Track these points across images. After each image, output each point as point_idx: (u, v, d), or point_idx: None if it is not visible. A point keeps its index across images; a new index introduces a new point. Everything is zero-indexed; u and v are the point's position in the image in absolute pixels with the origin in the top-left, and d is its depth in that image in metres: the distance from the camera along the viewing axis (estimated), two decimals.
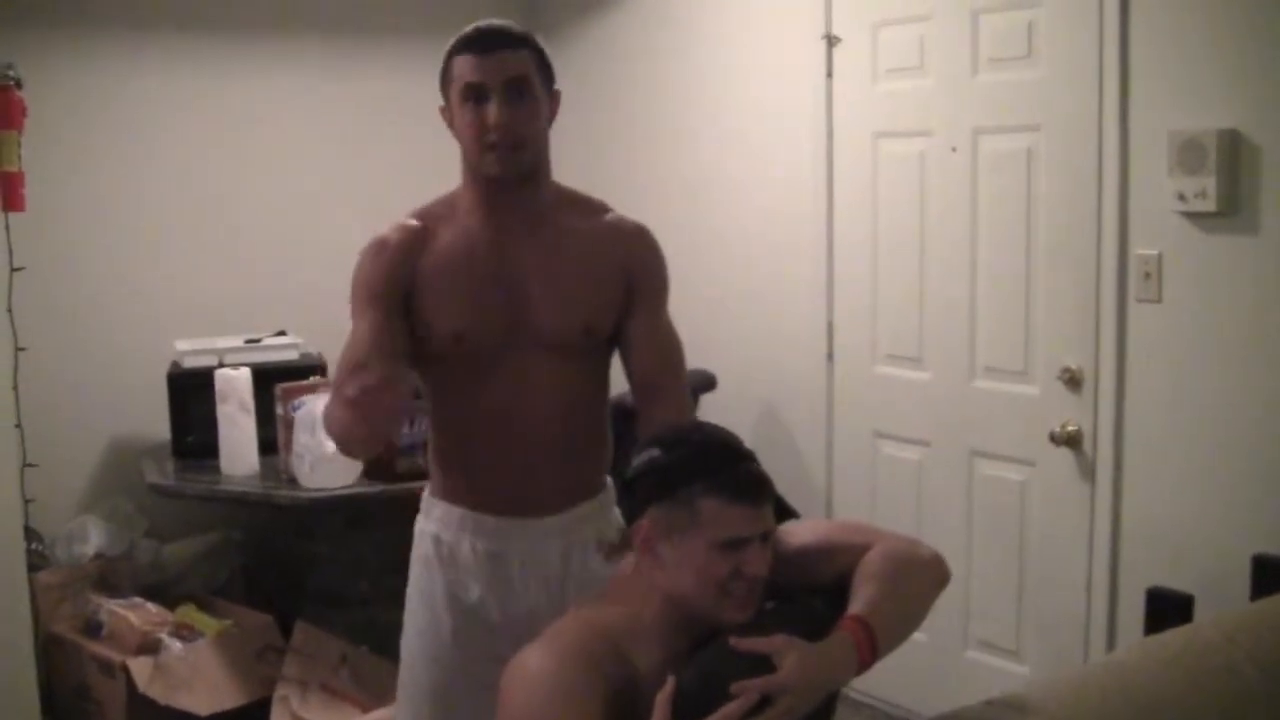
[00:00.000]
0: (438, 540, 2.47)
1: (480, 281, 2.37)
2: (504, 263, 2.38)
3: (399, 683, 2.57)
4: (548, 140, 2.42)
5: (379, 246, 2.40)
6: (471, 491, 2.44)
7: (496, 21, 2.35)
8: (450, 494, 2.47)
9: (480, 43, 2.31)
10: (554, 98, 2.41)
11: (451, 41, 2.36)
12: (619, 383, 2.54)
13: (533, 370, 2.38)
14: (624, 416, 2.51)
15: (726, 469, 1.90)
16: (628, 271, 2.46)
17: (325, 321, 3.35)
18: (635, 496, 1.99)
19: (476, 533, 2.44)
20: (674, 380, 2.52)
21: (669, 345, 2.52)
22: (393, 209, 2.45)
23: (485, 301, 2.37)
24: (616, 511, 2.49)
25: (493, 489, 2.43)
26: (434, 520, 2.49)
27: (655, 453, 1.97)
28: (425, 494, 2.55)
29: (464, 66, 2.31)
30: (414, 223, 2.42)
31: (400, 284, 2.37)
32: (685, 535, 1.90)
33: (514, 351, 2.38)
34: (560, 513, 2.44)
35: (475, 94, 2.30)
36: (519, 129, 2.31)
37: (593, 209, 2.50)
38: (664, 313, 2.52)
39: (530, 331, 2.38)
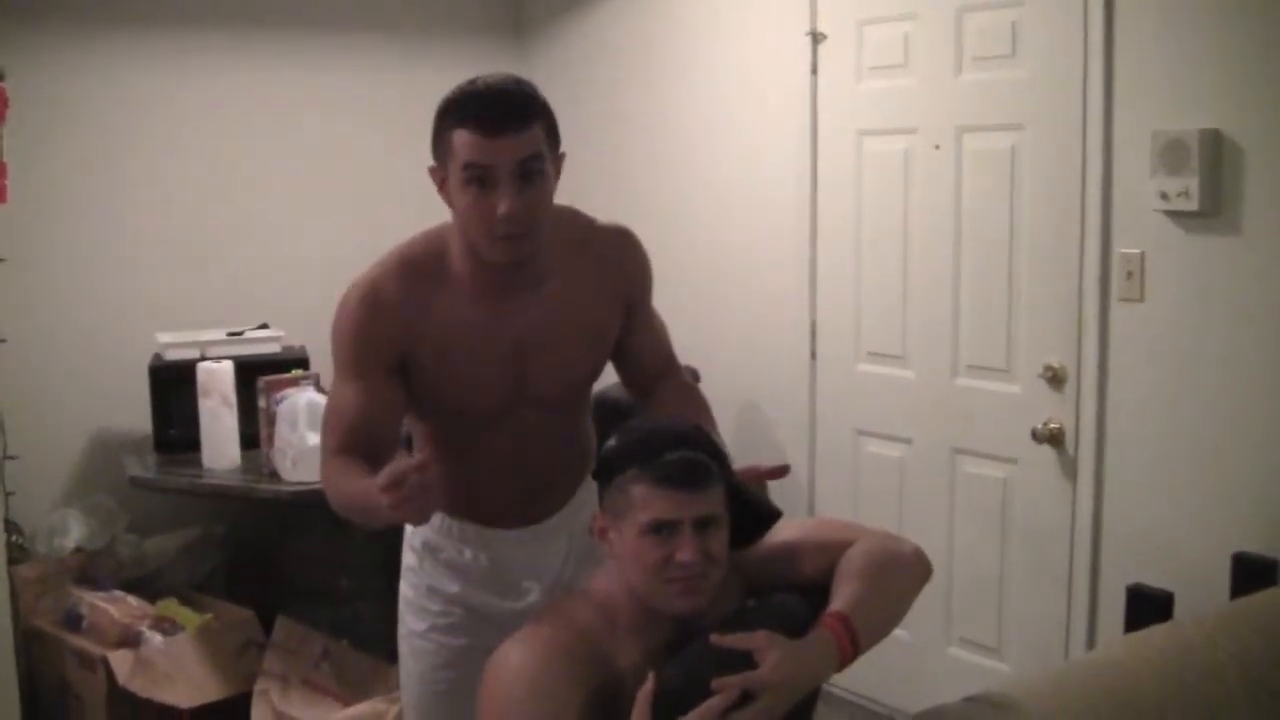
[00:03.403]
0: (437, 548, 2.44)
1: (481, 359, 2.26)
2: (504, 335, 2.26)
3: (402, 683, 2.54)
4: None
5: (368, 304, 2.22)
6: (468, 507, 2.40)
7: (497, 82, 2.12)
8: (446, 506, 2.40)
9: (486, 121, 2.06)
10: (559, 161, 2.21)
11: (447, 102, 2.13)
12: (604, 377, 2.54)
13: (531, 423, 2.33)
14: (612, 412, 2.52)
15: (654, 454, 1.90)
16: (625, 299, 2.40)
17: (308, 315, 3.35)
18: (598, 487, 2.01)
19: (478, 543, 2.41)
20: (674, 364, 2.54)
21: (663, 337, 2.53)
22: (376, 204, 2.41)
23: (487, 377, 2.27)
24: None
25: (490, 509, 2.40)
26: (430, 526, 2.43)
27: (609, 443, 1.99)
28: None
29: (466, 144, 2.08)
30: (403, 279, 2.23)
31: (395, 348, 2.22)
32: (622, 522, 1.92)
33: (511, 414, 2.32)
34: (558, 512, 2.44)
35: (480, 177, 2.08)
36: (531, 216, 2.11)
37: (574, 231, 2.34)
38: (652, 306, 2.50)
39: (531, 397, 2.32)
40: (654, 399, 2.46)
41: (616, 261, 2.38)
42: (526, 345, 2.28)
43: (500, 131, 2.07)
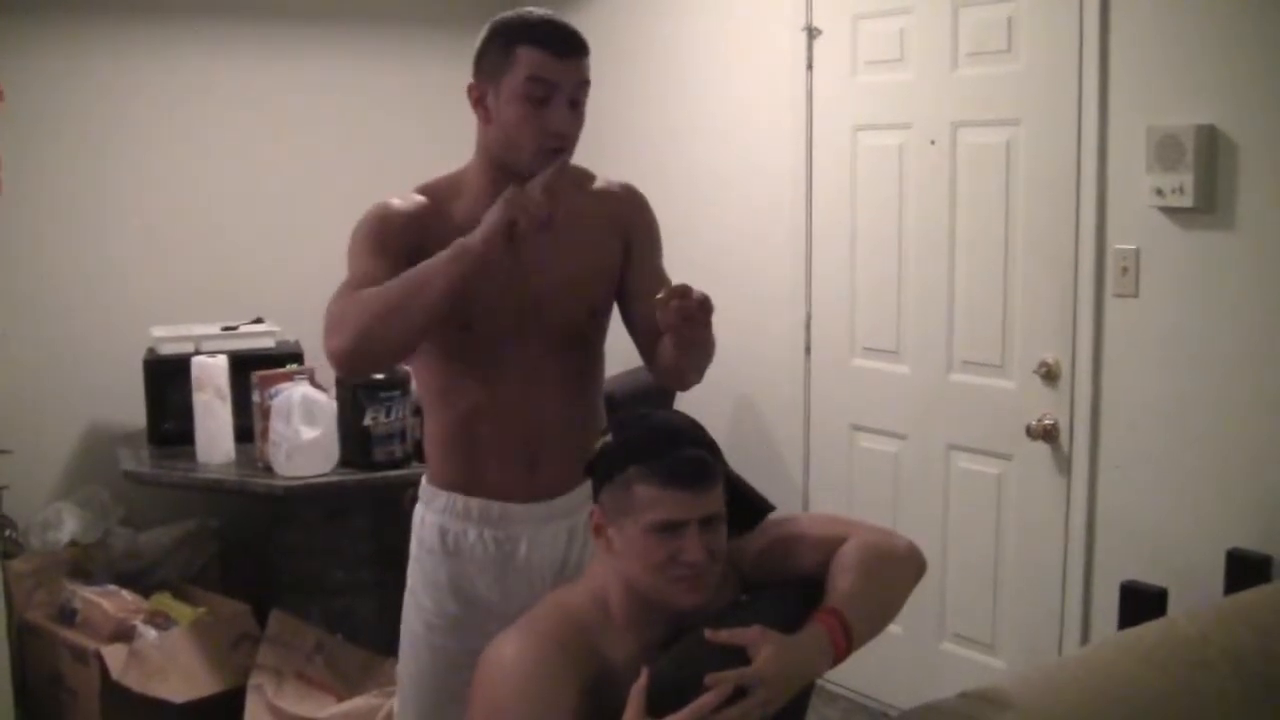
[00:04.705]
0: (443, 531, 2.44)
1: (490, 272, 2.28)
2: (514, 253, 2.28)
3: (399, 672, 2.54)
4: None
5: (387, 209, 2.34)
6: (476, 480, 2.41)
7: (557, 17, 2.30)
8: (453, 484, 2.43)
9: (558, 42, 2.27)
10: None
11: (509, 23, 2.30)
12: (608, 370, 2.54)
13: (538, 359, 2.37)
14: (611, 408, 2.51)
15: (661, 453, 1.90)
16: (624, 237, 2.47)
17: (303, 309, 3.34)
18: (593, 482, 2.00)
19: (483, 522, 2.41)
20: None
21: None
22: (373, 197, 2.40)
23: (495, 292, 2.31)
24: None
25: (498, 477, 2.40)
26: (436, 510, 2.45)
27: (607, 438, 1.98)
28: (424, 482, 2.50)
29: (537, 61, 2.25)
30: (422, 197, 2.37)
31: (407, 250, 2.28)
32: (625, 519, 1.91)
33: (520, 341, 2.35)
34: (564, 494, 2.43)
35: (543, 93, 2.25)
36: (573, 137, 2.32)
37: (582, 179, 2.48)
38: (661, 263, 2.53)
39: (537, 321, 2.36)
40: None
41: (616, 208, 2.49)
42: (534, 262, 2.33)
43: (569, 54, 2.28)
